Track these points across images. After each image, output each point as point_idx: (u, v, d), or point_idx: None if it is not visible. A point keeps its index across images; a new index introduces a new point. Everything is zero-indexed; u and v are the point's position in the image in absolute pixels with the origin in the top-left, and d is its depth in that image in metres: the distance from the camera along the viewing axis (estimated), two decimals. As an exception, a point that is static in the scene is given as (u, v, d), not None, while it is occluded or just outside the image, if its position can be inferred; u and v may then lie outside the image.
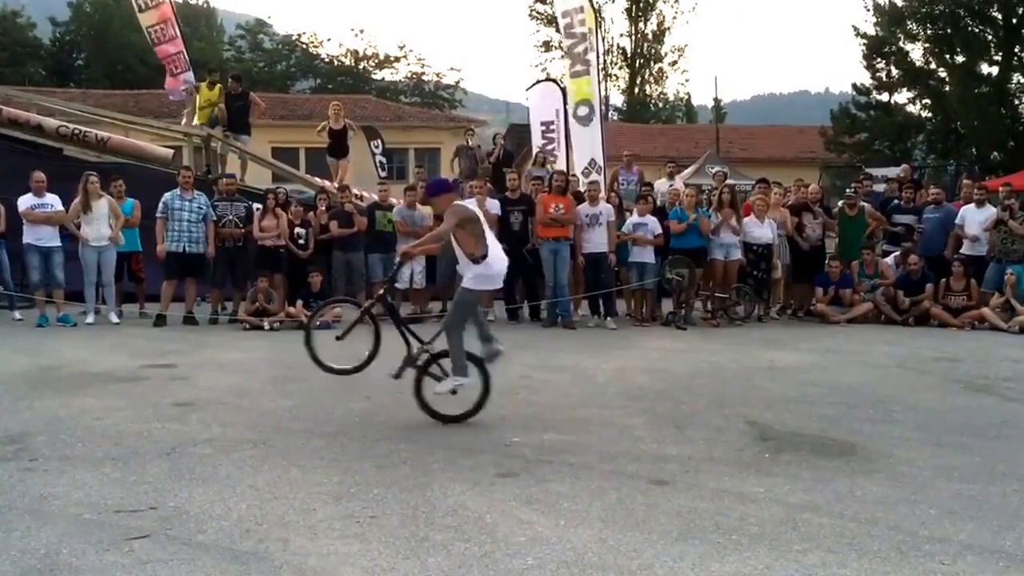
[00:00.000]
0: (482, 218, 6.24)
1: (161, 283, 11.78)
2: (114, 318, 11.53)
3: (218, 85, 16.37)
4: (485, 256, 6.07)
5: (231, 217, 11.99)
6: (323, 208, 12.57)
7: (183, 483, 4.70)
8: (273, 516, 4.22)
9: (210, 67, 18.72)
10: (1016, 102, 26.05)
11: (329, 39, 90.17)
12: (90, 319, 11.34)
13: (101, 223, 11.49)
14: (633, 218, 12.42)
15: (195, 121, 16.37)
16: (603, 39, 35.46)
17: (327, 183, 15.56)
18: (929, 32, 26.25)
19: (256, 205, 12.35)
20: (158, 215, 11.67)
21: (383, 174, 21.33)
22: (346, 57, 53.38)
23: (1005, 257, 12.30)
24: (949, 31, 25.74)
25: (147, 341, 10.12)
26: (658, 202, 13.57)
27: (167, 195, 11.76)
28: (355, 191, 13.94)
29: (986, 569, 3.75)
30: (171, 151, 15.88)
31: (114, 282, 11.76)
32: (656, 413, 6.59)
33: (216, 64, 28.59)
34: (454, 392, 6.06)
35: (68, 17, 50.05)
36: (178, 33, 17.38)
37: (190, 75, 17.22)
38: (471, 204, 6.62)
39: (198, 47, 38.46)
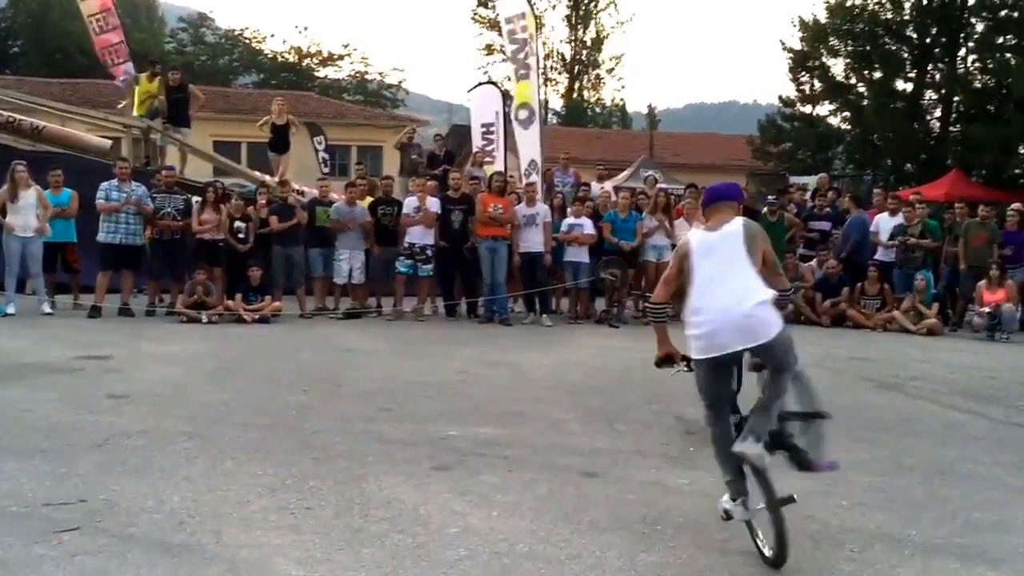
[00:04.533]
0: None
1: (96, 274, 11.58)
2: (47, 308, 11.28)
3: (158, 77, 16.14)
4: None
5: (169, 209, 11.85)
6: (263, 202, 12.50)
7: (115, 476, 4.67)
8: (207, 508, 4.22)
9: (151, 59, 18.35)
10: (928, 117, 27.27)
11: (272, 35, 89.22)
12: (11, 309, 11.04)
13: (28, 213, 11.23)
14: (569, 219, 12.62)
15: (134, 112, 16.11)
16: (543, 45, 35.87)
17: (267, 178, 15.46)
18: (850, 48, 27.33)
19: (195, 198, 12.22)
20: (99, 200, 11.49)
21: (326, 170, 21.28)
22: (290, 54, 52.78)
23: (906, 264, 13.01)
24: (868, 48, 26.86)
25: (81, 332, 9.95)
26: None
27: (104, 184, 11.59)
28: (295, 186, 13.86)
29: (893, 556, 3.94)
30: (109, 142, 15.57)
31: (44, 273, 11.52)
32: (588, 408, 6.74)
33: (157, 56, 28.03)
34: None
35: (5, 3, 48.62)
36: (118, 23, 17.10)
37: (130, 66, 16.95)
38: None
39: (139, 38, 37.71)
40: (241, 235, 11.98)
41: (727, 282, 3.85)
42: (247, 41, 52.96)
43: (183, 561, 3.62)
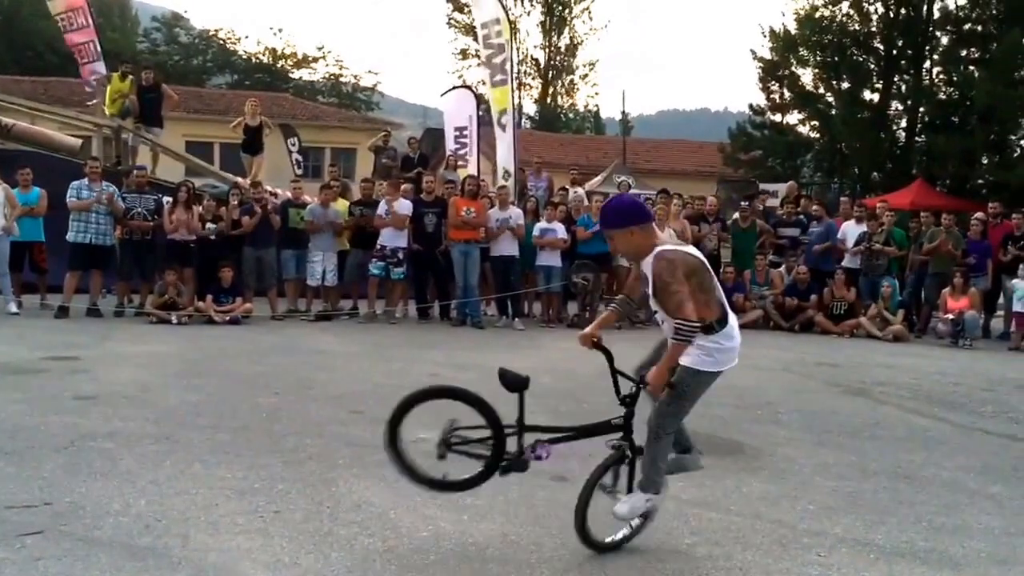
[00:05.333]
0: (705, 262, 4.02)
1: (64, 274, 11.46)
2: (13, 308, 11.15)
3: (130, 76, 16.02)
4: (724, 320, 3.92)
5: (140, 209, 11.77)
6: (235, 203, 12.44)
7: (81, 478, 4.60)
8: (174, 512, 4.17)
9: (122, 58, 18.24)
10: (894, 127, 27.85)
11: (247, 36, 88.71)
12: None
13: None
14: (541, 223, 12.66)
15: (106, 111, 15.98)
16: (517, 49, 36.04)
17: (240, 179, 15.39)
18: (819, 59, 27.99)
19: (166, 198, 12.14)
20: (70, 198, 11.38)
21: (299, 172, 21.22)
22: (264, 55, 52.55)
23: (870, 271, 13.21)
24: (836, 59, 27.61)
25: (48, 333, 9.83)
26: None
27: (75, 184, 11.51)
28: (268, 188, 13.80)
29: (858, 560, 3.99)
30: (79, 141, 15.44)
31: (11, 272, 11.41)
32: (559, 412, 6.72)
33: (129, 55, 27.78)
34: (643, 518, 4.05)
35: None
36: (90, 22, 16.96)
37: (100, 65, 16.80)
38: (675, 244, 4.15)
39: (111, 37, 37.32)
40: (212, 237, 11.93)
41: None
42: (221, 42, 52.67)
43: (149, 565, 3.57)
